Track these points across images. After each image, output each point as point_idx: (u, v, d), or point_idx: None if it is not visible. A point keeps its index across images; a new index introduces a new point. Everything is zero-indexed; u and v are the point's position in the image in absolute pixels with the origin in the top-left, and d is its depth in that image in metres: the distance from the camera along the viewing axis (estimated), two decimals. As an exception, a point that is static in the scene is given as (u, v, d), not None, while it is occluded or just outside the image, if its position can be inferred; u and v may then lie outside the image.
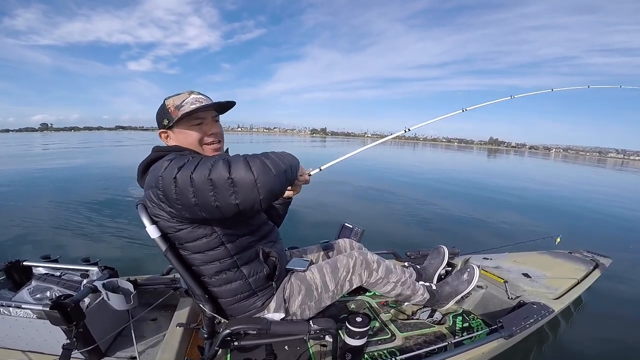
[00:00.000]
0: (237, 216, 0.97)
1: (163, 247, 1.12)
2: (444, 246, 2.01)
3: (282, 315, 1.31)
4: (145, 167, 1.18)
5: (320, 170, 1.59)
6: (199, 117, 1.18)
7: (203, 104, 1.17)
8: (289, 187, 1.36)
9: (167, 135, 1.22)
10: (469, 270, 1.84)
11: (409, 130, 1.88)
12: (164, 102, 1.19)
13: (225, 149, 1.31)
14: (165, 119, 1.18)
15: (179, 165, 0.96)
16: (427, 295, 1.75)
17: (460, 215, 6.15)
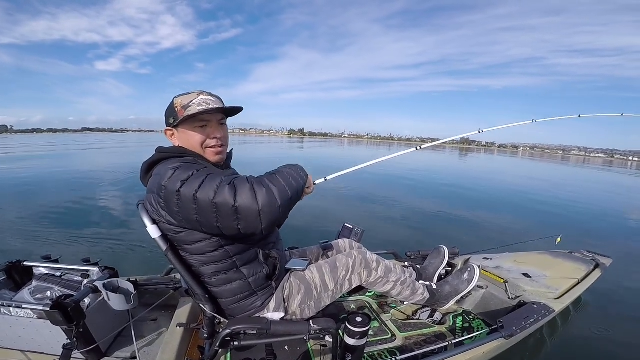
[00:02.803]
0: (237, 237, 0.98)
1: (164, 246, 1.12)
2: (444, 246, 2.01)
3: (282, 314, 1.31)
4: (149, 167, 1.18)
5: (326, 180, 1.62)
6: (204, 119, 1.17)
7: (210, 106, 1.16)
8: None
9: (173, 134, 1.22)
10: (469, 270, 1.84)
11: (421, 148, 1.94)
12: (173, 100, 1.19)
13: (230, 150, 1.32)
14: (172, 117, 1.17)
15: (183, 178, 0.97)
16: (427, 295, 1.75)
17: (460, 215, 6.15)
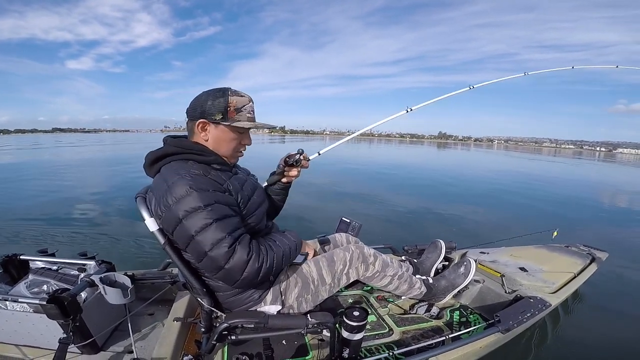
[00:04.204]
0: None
1: (162, 239, 1.11)
2: (441, 240, 2.01)
3: (279, 307, 1.31)
4: (157, 159, 1.15)
5: (319, 154, 1.62)
6: (245, 127, 1.17)
7: (254, 116, 1.18)
8: (290, 172, 1.47)
9: (206, 128, 1.16)
10: (465, 263, 1.84)
11: (411, 110, 1.99)
12: (228, 96, 1.13)
13: None
14: (221, 113, 1.12)
15: (189, 208, 0.99)
16: (424, 289, 1.76)
17: (456, 210, 6.16)
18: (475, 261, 1.89)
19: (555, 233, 2.69)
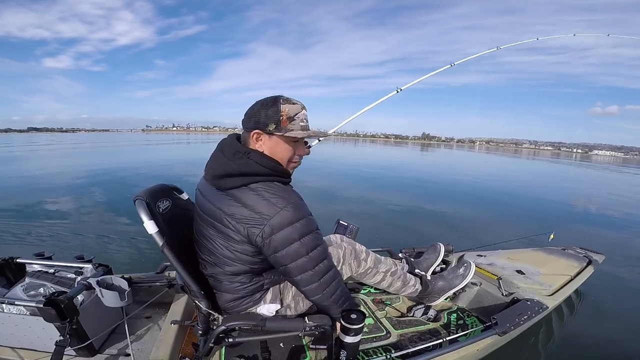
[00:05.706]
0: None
1: (160, 242, 1.11)
2: (440, 243, 2.02)
3: (278, 306, 1.32)
4: (232, 174, 1.10)
5: (319, 141, 1.64)
6: (299, 136, 1.15)
7: (307, 124, 1.16)
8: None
9: (261, 139, 1.13)
10: (465, 265, 1.85)
11: (401, 90, 2.14)
12: (280, 105, 1.10)
13: None
14: (274, 123, 1.10)
15: (303, 231, 1.10)
16: (419, 287, 1.77)
17: (453, 212, 6.17)
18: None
19: (552, 236, 2.70)
